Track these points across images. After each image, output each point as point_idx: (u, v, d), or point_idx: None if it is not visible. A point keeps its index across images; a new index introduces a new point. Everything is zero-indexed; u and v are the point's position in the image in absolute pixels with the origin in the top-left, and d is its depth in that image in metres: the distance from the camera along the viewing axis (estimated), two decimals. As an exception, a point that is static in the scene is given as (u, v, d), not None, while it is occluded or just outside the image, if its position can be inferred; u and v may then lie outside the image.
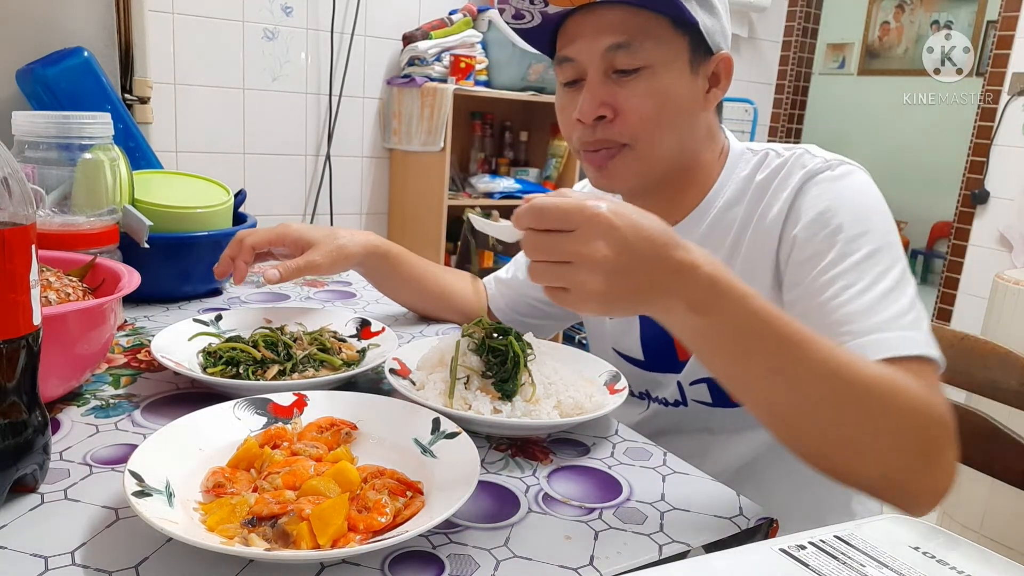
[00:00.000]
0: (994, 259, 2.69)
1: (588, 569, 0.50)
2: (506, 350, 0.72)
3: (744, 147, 0.87)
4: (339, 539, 0.49)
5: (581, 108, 0.78)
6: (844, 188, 0.75)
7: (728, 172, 0.85)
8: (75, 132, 0.90)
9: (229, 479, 0.55)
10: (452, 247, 2.54)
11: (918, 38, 5.67)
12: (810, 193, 0.76)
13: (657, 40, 0.75)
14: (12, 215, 0.49)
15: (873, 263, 0.70)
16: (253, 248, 0.90)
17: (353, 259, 0.95)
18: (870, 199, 0.75)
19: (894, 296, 0.68)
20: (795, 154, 0.81)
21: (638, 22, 0.74)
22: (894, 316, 0.66)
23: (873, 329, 0.65)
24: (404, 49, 2.54)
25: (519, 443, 0.69)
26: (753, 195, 0.82)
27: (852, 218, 0.73)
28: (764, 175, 0.82)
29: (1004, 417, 0.89)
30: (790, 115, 3.56)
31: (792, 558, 0.40)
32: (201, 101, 2.32)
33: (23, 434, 0.52)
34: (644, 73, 0.76)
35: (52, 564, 0.46)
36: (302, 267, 0.89)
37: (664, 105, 0.77)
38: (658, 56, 0.75)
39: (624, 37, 0.74)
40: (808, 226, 0.75)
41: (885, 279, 0.69)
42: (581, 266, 0.52)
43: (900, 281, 0.69)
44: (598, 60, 0.76)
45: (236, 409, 0.64)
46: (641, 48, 0.75)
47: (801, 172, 0.78)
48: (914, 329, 0.66)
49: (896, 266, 0.70)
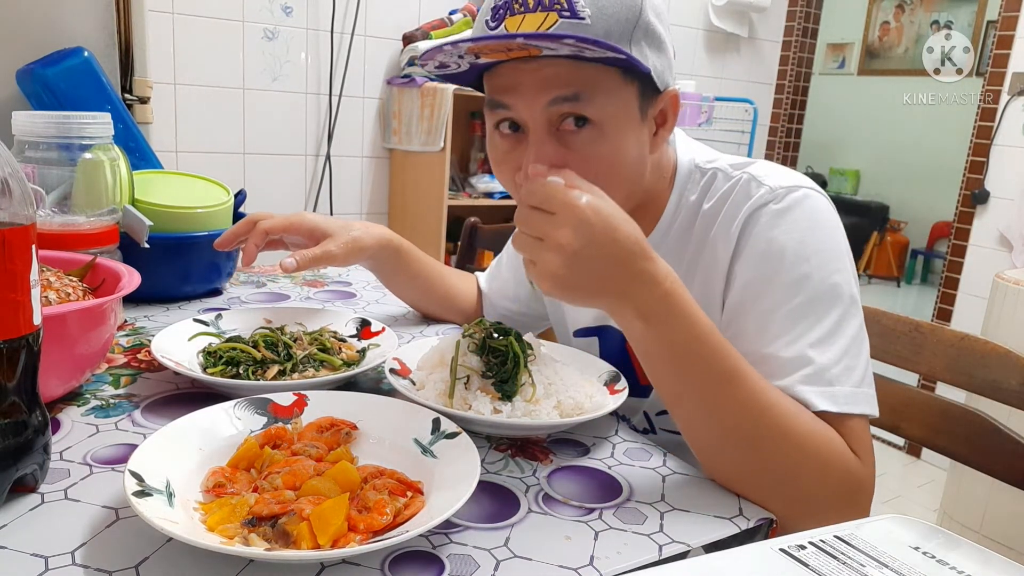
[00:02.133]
0: (994, 259, 2.69)
1: (588, 569, 0.50)
2: (506, 350, 0.72)
3: (692, 163, 0.81)
4: (339, 539, 0.49)
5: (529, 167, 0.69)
6: (787, 224, 0.70)
7: (677, 195, 0.80)
8: (75, 132, 0.90)
9: (229, 479, 0.55)
10: (452, 247, 2.54)
11: (918, 38, 5.67)
12: (753, 231, 0.72)
13: (606, 93, 0.68)
14: (12, 215, 0.49)
15: (806, 311, 0.67)
16: (267, 233, 0.88)
17: (367, 252, 0.94)
18: (813, 235, 0.70)
19: (822, 347, 0.66)
20: (741, 180, 0.75)
21: (585, 74, 0.67)
22: (818, 370, 0.65)
23: (793, 383, 0.65)
24: (404, 49, 2.54)
25: (519, 443, 0.69)
26: (701, 225, 0.78)
27: (791, 261, 0.69)
28: (711, 204, 0.77)
29: (1004, 417, 0.89)
30: (790, 115, 3.56)
31: (792, 558, 0.40)
32: (201, 101, 2.32)
33: (23, 434, 0.52)
34: (593, 129, 0.69)
35: (52, 564, 0.46)
36: (319, 256, 0.87)
37: (614, 166, 0.71)
38: (607, 111, 0.68)
39: (572, 90, 0.67)
40: (745, 269, 0.72)
41: (818, 327, 0.67)
42: (548, 247, 0.58)
43: (832, 331, 0.67)
44: (540, 112, 0.68)
45: (236, 409, 0.64)
46: (590, 102, 0.68)
47: (746, 205, 0.73)
48: (839, 383, 0.65)
49: (831, 313, 0.67)
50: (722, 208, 0.76)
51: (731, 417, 0.61)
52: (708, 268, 0.77)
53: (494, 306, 1.08)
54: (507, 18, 0.67)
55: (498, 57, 0.68)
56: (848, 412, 0.65)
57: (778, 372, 0.66)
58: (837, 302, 0.68)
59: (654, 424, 0.90)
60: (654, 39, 0.69)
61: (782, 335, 0.67)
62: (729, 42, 3.37)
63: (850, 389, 0.65)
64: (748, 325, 0.70)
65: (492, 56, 0.67)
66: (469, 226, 1.67)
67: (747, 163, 0.78)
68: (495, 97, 0.72)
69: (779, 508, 0.60)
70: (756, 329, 0.69)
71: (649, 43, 0.68)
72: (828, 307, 0.68)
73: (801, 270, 0.68)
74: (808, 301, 0.68)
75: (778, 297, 0.69)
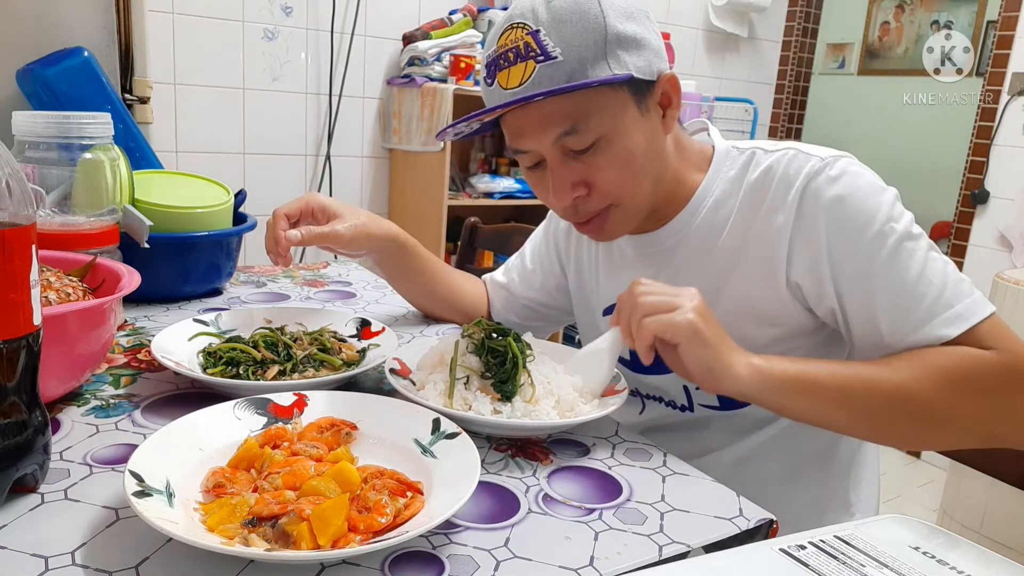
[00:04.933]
0: (994, 259, 2.69)
1: (588, 570, 0.50)
2: (505, 351, 0.72)
3: (729, 145, 0.86)
4: (339, 539, 0.49)
5: (555, 195, 0.79)
6: (847, 186, 0.75)
7: (715, 172, 0.85)
8: (75, 132, 0.90)
9: (229, 479, 0.55)
10: (452, 247, 2.54)
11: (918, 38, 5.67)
12: (816, 200, 0.76)
13: (600, 110, 0.74)
14: (12, 215, 0.49)
15: (898, 253, 0.73)
16: (286, 216, 0.89)
17: (374, 241, 0.94)
18: (870, 185, 0.76)
19: (925, 280, 0.73)
20: (787, 155, 0.80)
21: (574, 104, 0.74)
22: (932, 302, 0.72)
23: (919, 325, 0.72)
24: (404, 49, 2.54)
25: (519, 443, 0.69)
26: (747, 196, 0.81)
27: (861, 212, 0.74)
28: (756, 175, 0.81)
29: (1004, 417, 0.89)
30: (790, 115, 3.56)
31: (792, 558, 0.40)
32: (201, 101, 2.32)
33: (23, 434, 0.52)
34: (601, 145, 0.76)
35: (52, 564, 0.46)
36: (325, 234, 0.88)
37: (630, 163, 0.77)
38: (606, 124, 0.75)
39: (568, 124, 0.74)
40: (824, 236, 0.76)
41: (912, 263, 0.73)
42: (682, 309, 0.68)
43: (927, 255, 0.74)
44: (551, 148, 0.76)
45: (236, 409, 0.64)
46: (588, 127, 0.74)
47: (801, 176, 0.77)
48: (952, 304, 0.72)
49: (917, 249, 0.74)
50: (771, 178, 0.80)
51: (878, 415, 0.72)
52: (763, 237, 0.80)
53: (515, 298, 1.08)
54: (497, 74, 0.76)
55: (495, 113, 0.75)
56: (976, 322, 0.72)
57: (902, 321, 0.73)
58: (913, 231, 0.75)
59: (692, 399, 0.90)
60: (628, 42, 0.74)
61: (887, 284, 0.73)
62: (729, 42, 3.37)
63: (968, 302, 0.72)
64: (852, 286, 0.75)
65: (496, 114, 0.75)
66: (469, 226, 1.67)
67: (784, 141, 0.84)
68: (513, 146, 0.80)
69: (968, 439, 0.75)
70: (861, 288, 0.75)
71: (625, 48, 0.74)
72: (912, 244, 0.74)
73: (874, 219, 0.74)
74: (896, 244, 0.73)
75: (870, 250, 0.74)
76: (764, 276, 0.80)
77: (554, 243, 1.05)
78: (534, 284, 1.07)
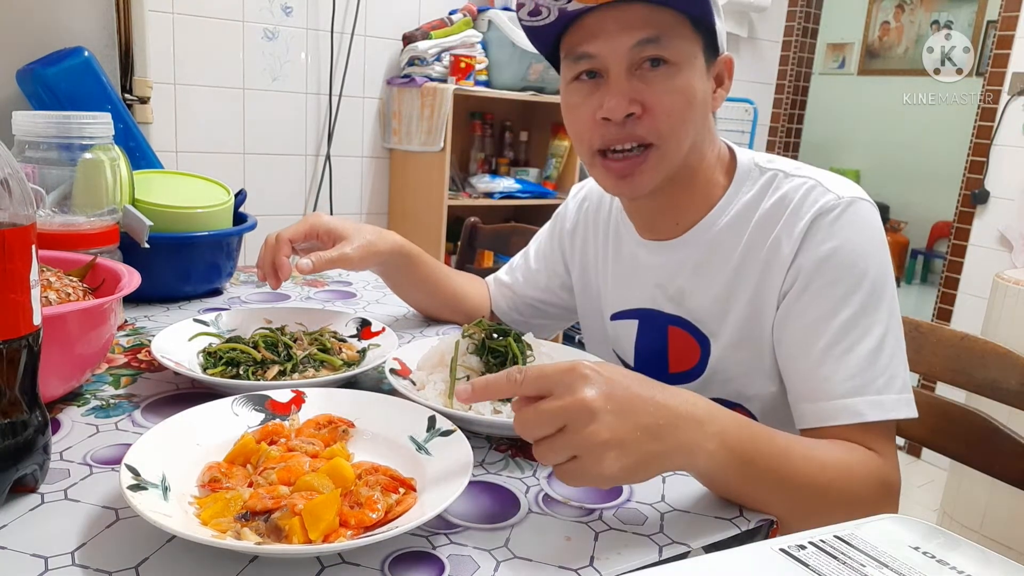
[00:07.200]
0: (994, 259, 2.69)
1: (588, 570, 0.50)
2: (505, 351, 0.72)
3: (752, 162, 0.85)
4: (330, 534, 0.49)
5: (609, 106, 0.75)
6: (852, 230, 0.75)
7: (736, 188, 0.84)
8: (75, 132, 0.90)
9: (225, 474, 0.56)
10: (452, 247, 2.54)
11: (918, 38, 5.67)
12: (817, 235, 0.76)
13: (681, 38, 0.76)
14: (12, 215, 0.49)
15: (859, 319, 0.73)
16: (290, 241, 0.90)
17: (381, 256, 0.95)
18: (871, 243, 0.76)
19: (872, 357, 0.72)
20: (806, 185, 0.79)
21: (664, 19, 0.75)
22: (868, 381, 0.71)
23: (846, 394, 0.72)
24: (404, 49, 2.54)
25: (519, 443, 0.69)
26: (759, 223, 0.81)
27: (850, 268, 0.74)
28: (771, 202, 0.80)
29: (1004, 417, 0.89)
30: (790, 115, 3.56)
31: (792, 558, 0.40)
32: (201, 101, 2.32)
33: (23, 434, 0.52)
34: (670, 69, 0.76)
35: (52, 564, 0.46)
36: (335, 259, 0.89)
37: (689, 102, 0.77)
38: (683, 53, 0.76)
39: (653, 32, 0.74)
40: (809, 270, 0.76)
41: (868, 337, 0.73)
42: (588, 453, 0.50)
43: (883, 338, 0.73)
44: (624, 56, 0.75)
45: (234, 405, 0.64)
46: (669, 44, 0.75)
47: (814, 208, 0.77)
48: (886, 392, 0.72)
49: (879, 322, 0.73)
50: (785, 208, 0.79)
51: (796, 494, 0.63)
52: (768, 264, 0.79)
53: (519, 297, 1.08)
54: None
55: (586, 1, 0.74)
56: (892, 419, 0.71)
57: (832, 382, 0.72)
58: (886, 306, 0.74)
59: None
60: (716, 5, 0.77)
61: (838, 343, 0.73)
62: (729, 42, 3.35)
63: (895, 396, 0.72)
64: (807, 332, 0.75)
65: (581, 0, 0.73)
66: (469, 226, 1.67)
67: (807, 168, 0.83)
68: (578, 48, 0.78)
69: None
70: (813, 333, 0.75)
71: (714, 5, 0.77)
72: (877, 315, 0.74)
73: (859, 276, 0.74)
74: (864, 308, 0.73)
75: (837, 306, 0.74)
76: (764, 304, 0.80)
77: (559, 244, 1.05)
78: (539, 284, 1.07)
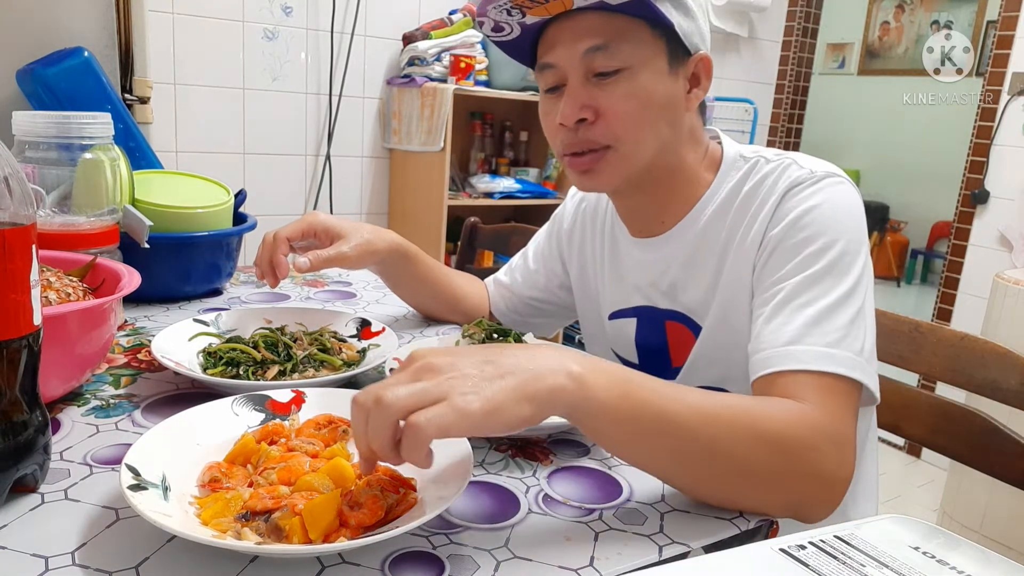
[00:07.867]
0: (994, 259, 2.69)
1: (588, 570, 0.50)
2: (506, 350, 0.72)
3: (737, 153, 0.86)
4: (330, 534, 0.49)
5: (563, 112, 0.78)
6: (820, 199, 0.75)
7: (721, 178, 0.85)
8: (75, 132, 0.90)
9: (225, 474, 0.56)
10: (452, 247, 2.54)
11: (918, 38, 5.67)
12: (788, 203, 0.76)
13: (635, 43, 0.76)
14: (12, 215, 0.49)
15: (821, 278, 0.71)
16: (288, 239, 0.90)
17: (379, 255, 0.95)
18: (842, 213, 0.75)
19: (827, 313, 0.68)
20: (783, 164, 0.81)
21: (615, 26, 0.75)
22: (820, 333, 0.67)
23: (789, 342, 0.67)
24: (404, 49, 2.54)
25: (519, 443, 0.69)
26: (740, 205, 0.82)
27: (818, 230, 0.73)
28: (751, 184, 0.81)
29: (1004, 417, 0.89)
30: (790, 115, 3.56)
31: (792, 558, 0.40)
32: (201, 101, 2.32)
33: (23, 434, 0.52)
34: (623, 75, 0.76)
35: (52, 564, 0.46)
36: (332, 258, 0.89)
37: (644, 105, 0.77)
38: (636, 57, 0.76)
39: (601, 40, 0.75)
40: (777, 236, 0.75)
41: (827, 296, 0.70)
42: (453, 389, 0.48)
43: (844, 299, 0.69)
44: (577, 64, 0.77)
45: (234, 405, 0.64)
46: (619, 50, 0.75)
47: (785, 183, 0.78)
48: (837, 347, 0.66)
49: (843, 283, 0.70)
50: (762, 187, 0.80)
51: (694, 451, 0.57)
52: (745, 241, 0.79)
53: (518, 297, 1.08)
54: None
55: (539, 14, 0.76)
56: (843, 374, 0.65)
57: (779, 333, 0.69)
58: (851, 273, 0.71)
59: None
60: (681, 5, 0.76)
61: (793, 299, 0.71)
62: (729, 42, 3.37)
63: (850, 355, 0.66)
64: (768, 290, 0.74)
65: (533, 13, 0.76)
66: (469, 226, 1.67)
67: (790, 152, 0.83)
68: (541, 59, 0.80)
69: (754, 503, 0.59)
70: (773, 294, 0.73)
71: (675, 5, 0.76)
72: (842, 277, 0.71)
73: (827, 239, 0.72)
74: (828, 268, 0.71)
75: (800, 264, 0.72)
76: (741, 281, 0.80)
77: (557, 245, 1.05)
78: (537, 284, 1.07)
